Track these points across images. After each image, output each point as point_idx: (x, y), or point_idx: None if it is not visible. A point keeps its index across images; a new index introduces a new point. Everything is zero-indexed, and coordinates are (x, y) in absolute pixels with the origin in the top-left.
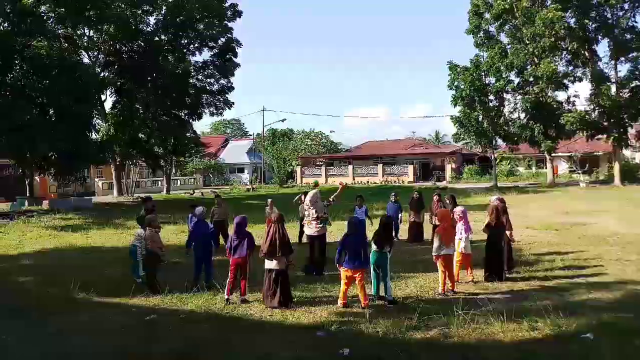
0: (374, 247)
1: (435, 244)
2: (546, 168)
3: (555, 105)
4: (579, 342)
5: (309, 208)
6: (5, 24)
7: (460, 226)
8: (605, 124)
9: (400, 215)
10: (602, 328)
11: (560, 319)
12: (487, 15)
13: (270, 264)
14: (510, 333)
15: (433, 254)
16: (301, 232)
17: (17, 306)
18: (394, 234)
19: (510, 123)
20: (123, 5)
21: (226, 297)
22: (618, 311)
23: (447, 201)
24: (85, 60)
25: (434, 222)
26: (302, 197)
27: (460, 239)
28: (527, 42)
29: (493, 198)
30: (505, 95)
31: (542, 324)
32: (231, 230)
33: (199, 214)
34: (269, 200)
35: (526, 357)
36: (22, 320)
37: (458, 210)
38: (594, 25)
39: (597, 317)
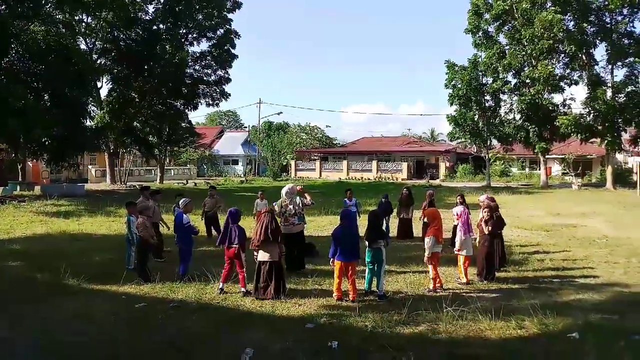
0: (367, 244)
1: (429, 244)
2: (539, 169)
3: (550, 108)
4: (565, 341)
5: (288, 204)
6: (3, 7)
7: (459, 226)
8: (600, 127)
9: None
10: (588, 328)
11: (547, 318)
12: (487, 16)
13: (264, 256)
14: (497, 330)
15: (426, 254)
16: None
17: (6, 292)
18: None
19: (505, 124)
20: None
21: (220, 286)
22: (604, 312)
23: (459, 200)
24: (83, 46)
25: (424, 220)
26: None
27: (460, 241)
28: (526, 43)
29: (482, 197)
30: (501, 95)
31: (529, 322)
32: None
33: (180, 204)
34: (260, 192)
35: (512, 355)
36: (11, 306)
37: (456, 210)
38: (592, 29)
39: (583, 318)
